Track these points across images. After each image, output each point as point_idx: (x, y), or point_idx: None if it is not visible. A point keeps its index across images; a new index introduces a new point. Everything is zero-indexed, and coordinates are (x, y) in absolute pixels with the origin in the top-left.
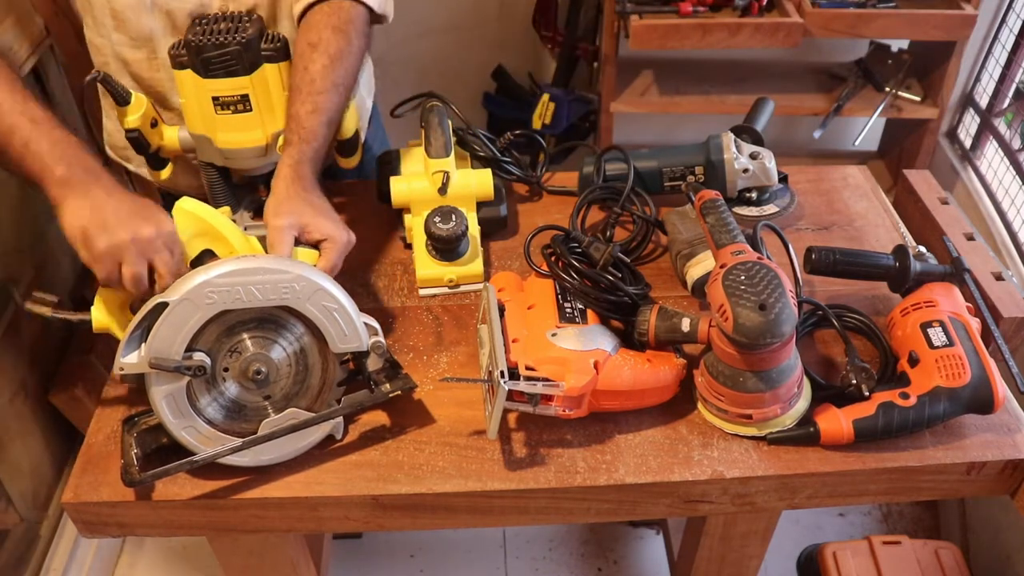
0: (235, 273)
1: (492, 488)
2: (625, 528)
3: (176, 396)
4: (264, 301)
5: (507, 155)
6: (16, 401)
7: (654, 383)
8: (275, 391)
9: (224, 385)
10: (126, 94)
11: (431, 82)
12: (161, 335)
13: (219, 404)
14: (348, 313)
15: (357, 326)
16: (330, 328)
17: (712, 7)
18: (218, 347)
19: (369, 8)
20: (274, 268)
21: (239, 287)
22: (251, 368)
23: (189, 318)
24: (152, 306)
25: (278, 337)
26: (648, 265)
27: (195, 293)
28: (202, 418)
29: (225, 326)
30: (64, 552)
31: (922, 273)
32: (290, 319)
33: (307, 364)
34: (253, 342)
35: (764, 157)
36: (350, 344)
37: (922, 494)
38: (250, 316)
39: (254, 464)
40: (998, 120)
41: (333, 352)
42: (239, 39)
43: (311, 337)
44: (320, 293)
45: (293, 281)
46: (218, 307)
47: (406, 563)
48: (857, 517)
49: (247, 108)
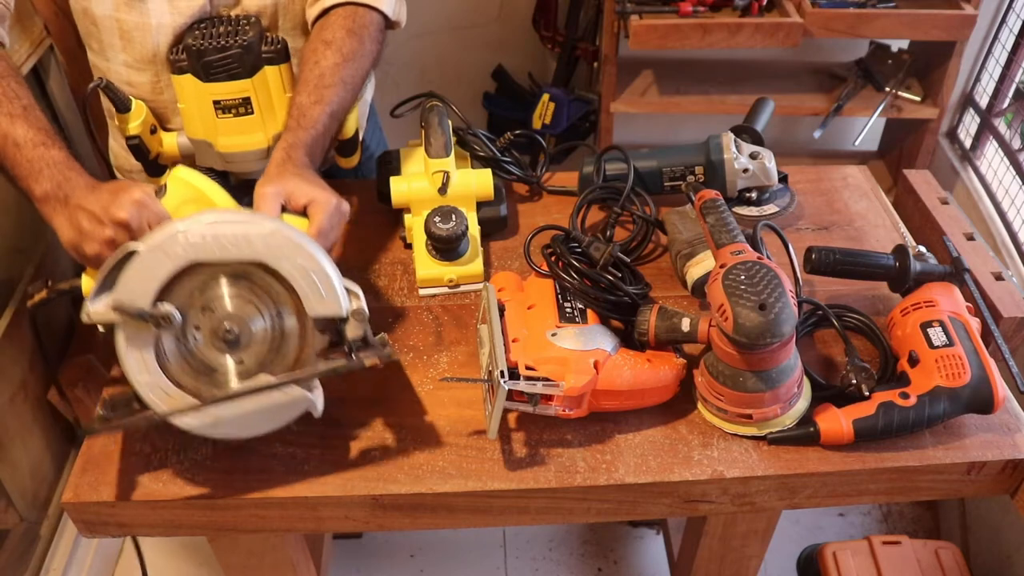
0: (209, 224)
1: (492, 488)
2: (625, 528)
3: (144, 352)
4: (237, 254)
5: (507, 155)
6: (16, 401)
7: (654, 383)
8: (248, 357)
9: (195, 345)
10: (127, 101)
11: (431, 82)
12: (129, 283)
13: (189, 366)
14: (326, 274)
15: (336, 289)
16: (306, 289)
17: (712, 7)
18: (190, 303)
19: (383, 15)
20: (249, 220)
21: (211, 238)
22: (222, 327)
23: (159, 267)
24: (122, 254)
25: (254, 298)
26: (648, 265)
27: (166, 242)
28: (170, 378)
29: (199, 282)
30: (64, 552)
31: (922, 273)
32: (268, 279)
33: (284, 330)
34: (227, 301)
35: (764, 157)
36: (328, 308)
37: (922, 494)
38: (226, 273)
39: (222, 436)
40: (998, 120)
41: (310, 316)
42: (240, 42)
43: (289, 300)
44: (297, 250)
45: (268, 235)
46: (188, 257)
47: (406, 563)
48: (857, 517)
49: (248, 111)
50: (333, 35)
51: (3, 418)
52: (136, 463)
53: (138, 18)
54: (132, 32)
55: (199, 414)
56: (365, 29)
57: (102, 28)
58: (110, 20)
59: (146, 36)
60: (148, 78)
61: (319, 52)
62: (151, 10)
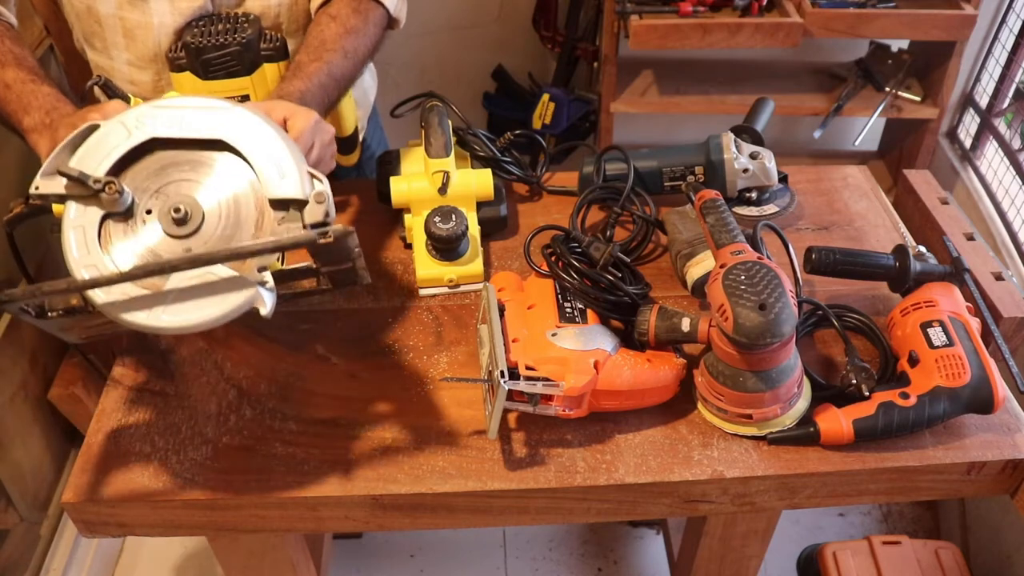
0: (174, 102)
1: (492, 488)
2: (625, 528)
3: (87, 227)
4: (197, 131)
5: (507, 155)
6: (16, 401)
7: (654, 383)
8: (197, 244)
9: (142, 228)
10: (126, 99)
11: (431, 82)
12: (84, 155)
13: (133, 252)
14: (286, 154)
15: (298, 170)
16: (263, 167)
17: (712, 7)
18: (145, 187)
19: (386, 9)
20: (214, 103)
21: (173, 112)
22: (171, 206)
23: (117, 140)
24: (84, 129)
25: (209, 181)
26: (648, 265)
27: (128, 116)
28: (110, 261)
29: (156, 167)
30: (64, 552)
31: (922, 273)
32: (228, 164)
33: (239, 217)
34: (182, 184)
35: (764, 157)
36: (287, 188)
37: (922, 494)
38: (184, 156)
39: (156, 325)
40: (998, 120)
41: (268, 197)
42: (239, 39)
43: (247, 185)
44: (258, 128)
45: (229, 112)
46: (148, 132)
47: (406, 563)
48: (857, 517)
49: None
50: (338, 11)
51: (3, 418)
52: (136, 463)
53: (140, 16)
54: (135, 30)
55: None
56: (369, 12)
57: (106, 27)
58: (114, 19)
59: (148, 34)
60: (150, 77)
61: (323, 24)
62: (153, 9)
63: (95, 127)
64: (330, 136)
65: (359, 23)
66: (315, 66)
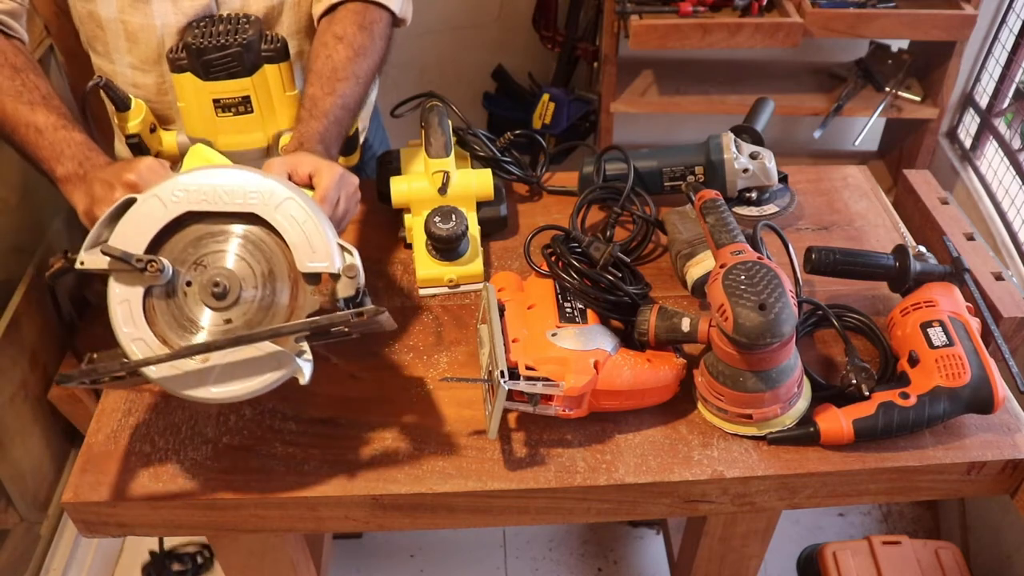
0: (207, 175)
1: (492, 488)
2: (625, 528)
3: (132, 302)
4: (230, 204)
5: (507, 155)
6: (16, 401)
7: (654, 383)
8: (236, 316)
9: (184, 301)
10: (127, 100)
11: (431, 82)
12: (124, 231)
13: (176, 322)
14: (318, 227)
15: (329, 243)
16: (297, 241)
17: (712, 7)
18: (183, 259)
19: (391, 12)
20: (244, 174)
21: (207, 187)
22: (212, 282)
23: (154, 216)
24: (121, 203)
25: (246, 254)
26: (648, 265)
27: (163, 190)
28: (155, 333)
29: (194, 238)
30: (64, 552)
31: (922, 273)
32: (262, 235)
33: (274, 290)
34: (219, 256)
35: (764, 157)
36: (319, 262)
37: (922, 494)
38: (219, 228)
39: (206, 397)
40: (998, 120)
41: (301, 271)
42: (240, 40)
43: (283, 259)
44: (289, 203)
45: (261, 186)
46: (184, 206)
47: (406, 563)
48: (857, 517)
49: (248, 110)
50: (344, 30)
51: (3, 418)
52: (136, 463)
53: (143, 19)
54: (138, 33)
55: (177, 367)
56: (375, 25)
57: (108, 31)
58: (115, 23)
59: (151, 37)
60: (153, 79)
61: (331, 46)
62: (155, 11)
63: (132, 201)
64: (354, 187)
65: (366, 41)
66: (329, 101)
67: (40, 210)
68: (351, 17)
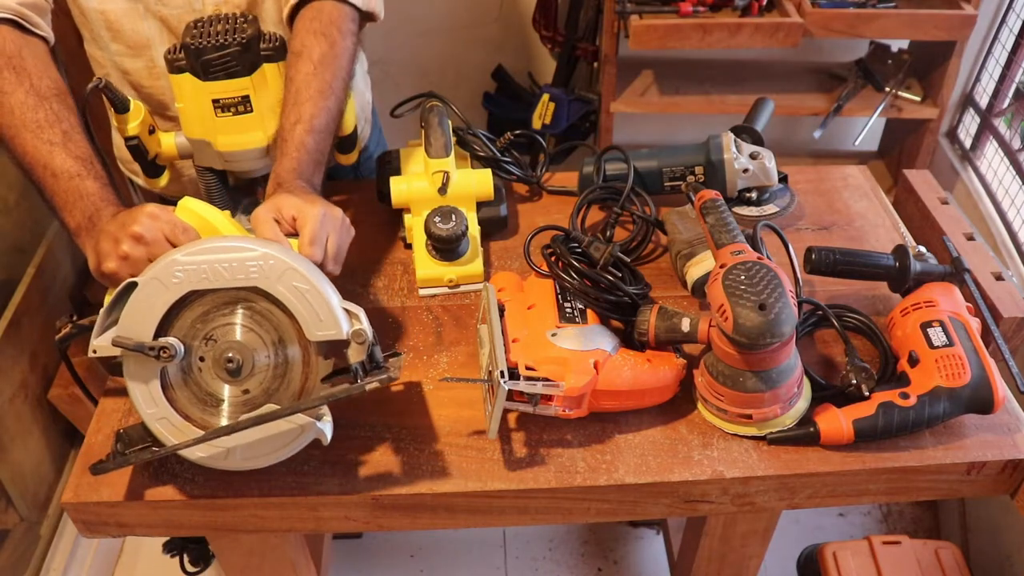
0: (202, 251)
1: (492, 488)
2: (625, 528)
3: (150, 384)
4: (232, 281)
5: (507, 155)
6: (16, 401)
7: (654, 383)
8: (253, 386)
9: (201, 376)
10: (126, 101)
11: (431, 82)
12: (130, 316)
13: (196, 397)
14: (322, 296)
15: (334, 311)
16: (303, 312)
17: (712, 7)
18: (193, 334)
19: (354, 6)
20: (240, 246)
21: (205, 265)
22: (224, 356)
23: (158, 298)
24: (123, 287)
25: (255, 325)
26: (648, 265)
27: (162, 272)
28: (177, 411)
29: (201, 312)
30: (64, 552)
31: (922, 273)
32: (267, 305)
33: (287, 357)
34: (228, 329)
35: (764, 157)
36: (327, 330)
37: (922, 494)
38: (224, 302)
39: (235, 467)
40: (998, 120)
41: (310, 340)
42: (239, 40)
43: (290, 326)
44: (290, 273)
45: (259, 259)
46: (185, 286)
47: (406, 563)
48: (857, 517)
49: (248, 109)
50: (301, 43)
51: (3, 418)
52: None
53: (123, 5)
54: (118, 21)
55: (207, 446)
56: (333, 26)
57: (91, 20)
58: (95, 12)
59: (134, 23)
60: (143, 64)
61: (292, 66)
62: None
63: (133, 285)
64: (339, 220)
65: (325, 49)
66: (298, 130)
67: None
68: (307, 25)
